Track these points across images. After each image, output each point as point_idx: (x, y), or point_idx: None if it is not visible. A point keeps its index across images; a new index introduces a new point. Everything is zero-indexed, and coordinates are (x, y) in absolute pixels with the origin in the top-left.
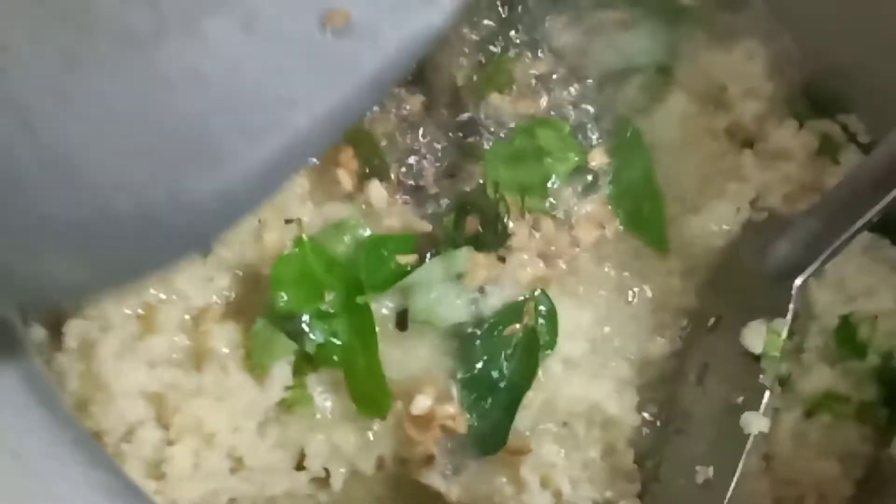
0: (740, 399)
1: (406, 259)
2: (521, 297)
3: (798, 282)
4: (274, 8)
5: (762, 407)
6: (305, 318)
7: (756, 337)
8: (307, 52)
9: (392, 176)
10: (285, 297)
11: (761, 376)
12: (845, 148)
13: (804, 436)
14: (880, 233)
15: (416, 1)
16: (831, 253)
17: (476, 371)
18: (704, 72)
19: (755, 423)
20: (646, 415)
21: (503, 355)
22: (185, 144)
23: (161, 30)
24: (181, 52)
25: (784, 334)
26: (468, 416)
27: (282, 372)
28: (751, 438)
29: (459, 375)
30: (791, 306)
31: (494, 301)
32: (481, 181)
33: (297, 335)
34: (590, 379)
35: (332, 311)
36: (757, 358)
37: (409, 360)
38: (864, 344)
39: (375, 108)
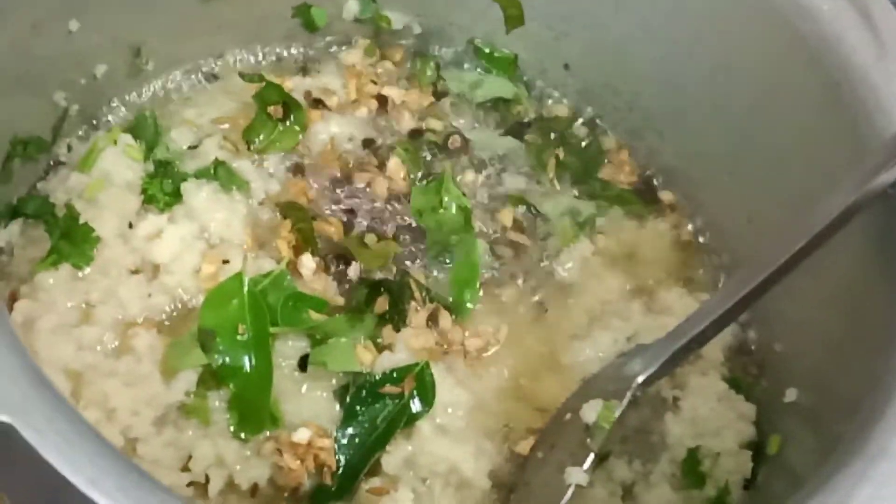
0: (570, 461)
1: (317, 316)
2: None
3: (640, 379)
4: None
5: (586, 465)
6: (220, 340)
7: (592, 410)
8: None
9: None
10: (209, 317)
11: (589, 440)
12: None
13: None
14: (735, 389)
15: None
16: (671, 360)
17: (351, 420)
18: (617, 235)
19: (575, 475)
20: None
21: (375, 415)
22: None
23: None
24: None
25: (617, 413)
26: (338, 456)
27: (188, 378)
28: (571, 489)
29: (339, 419)
30: (629, 393)
31: (386, 363)
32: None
33: (210, 353)
34: (453, 444)
35: (243, 340)
36: (589, 428)
37: (303, 400)
38: (705, 475)
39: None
